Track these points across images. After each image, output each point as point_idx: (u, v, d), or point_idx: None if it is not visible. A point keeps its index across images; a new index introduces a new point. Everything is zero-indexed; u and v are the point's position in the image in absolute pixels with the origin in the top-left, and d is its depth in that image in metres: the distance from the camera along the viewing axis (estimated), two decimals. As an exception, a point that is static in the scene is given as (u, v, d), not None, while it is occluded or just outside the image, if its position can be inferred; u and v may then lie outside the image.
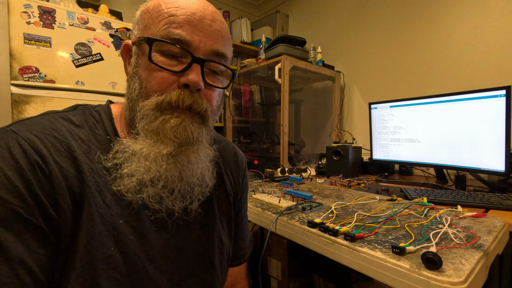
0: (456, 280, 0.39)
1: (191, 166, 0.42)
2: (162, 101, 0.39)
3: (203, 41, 0.41)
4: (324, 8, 2.22)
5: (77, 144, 0.38)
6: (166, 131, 0.39)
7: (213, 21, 0.42)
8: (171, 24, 0.39)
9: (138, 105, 0.40)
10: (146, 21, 0.42)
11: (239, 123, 2.21)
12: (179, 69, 0.40)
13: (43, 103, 1.36)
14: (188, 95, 0.40)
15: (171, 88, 0.40)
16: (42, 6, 1.34)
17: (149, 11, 0.42)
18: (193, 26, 0.40)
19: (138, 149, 0.39)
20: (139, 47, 0.42)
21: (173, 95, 0.39)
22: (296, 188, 0.98)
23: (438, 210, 0.70)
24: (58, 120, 0.39)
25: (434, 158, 1.16)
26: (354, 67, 1.97)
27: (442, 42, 1.52)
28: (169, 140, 0.39)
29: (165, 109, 0.39)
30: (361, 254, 0.49)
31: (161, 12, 0.40)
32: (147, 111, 0.39)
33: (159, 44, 0.39)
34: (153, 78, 0.40)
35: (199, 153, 0.42)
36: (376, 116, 1.39)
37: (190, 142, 0.41)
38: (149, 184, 0.39)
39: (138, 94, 0.41)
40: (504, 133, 0.93)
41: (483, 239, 0.53)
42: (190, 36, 0.40)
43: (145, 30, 0.41)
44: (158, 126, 0.39)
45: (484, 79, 1.37)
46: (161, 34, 0.39)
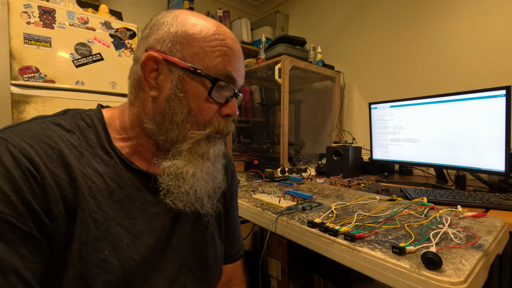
0: (456, 280, 0.39)
1: (218, 175, 0.49)
2: (212, 131, 0.45)
3: (240, 78, 0.47)
4: (324, 8, 2.22)
5: (68, 149, 0.38)
6: (209, 155, 0.46)
7: (242, 57, 0.48)
8: (226, 63, 0.44)
9: (188, 130, 0.44)
10: (196, 50, 0.42)
11: (239, 123, 2.21)
12: (223, 101, 0.45)
13: (43, 103, 1.36)
14: (230, 124, 0.48)
15: (215, 117, 0.46)
16: (42, 6, 1.34)
17: (198, 39, 0.42)
18: (237, 68, 0.46)
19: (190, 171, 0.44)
20: (189, 74, 0.42)
21: (221, 125, 0.46)
22: (296, 188, 0.98)
23: (438, 210, 0.70)
24: (48, 126, 0.39)
25: (434, 158, 1.16)
26: (354, 67, 1.97)
27: (442, 42, 1.52)
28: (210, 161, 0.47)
29: (211, 137, 0.46)
30: (361, 254, 0.49)
31: (215, 48, 0.43)
32: (200, 139, 0.44)
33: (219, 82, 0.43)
34: (205, 109, 0.44)
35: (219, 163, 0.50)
36: (376, 116, 1.39)
37: (219, 156, 0.49)
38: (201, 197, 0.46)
39: (185, 119, 0.43)
40: (504, 133, 0.93)
41: (483, 239, 0.53)
42: (236, 75, 0.45)
43: (196, 59, 0.42)
44: (205, 151, 0.45)
45: (484, 79, 1.37)
46: (218, 70, 0.43)
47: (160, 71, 0.43)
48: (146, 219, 0.42)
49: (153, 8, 2.19)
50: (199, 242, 0.49)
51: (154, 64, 0.43)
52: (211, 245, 0.51)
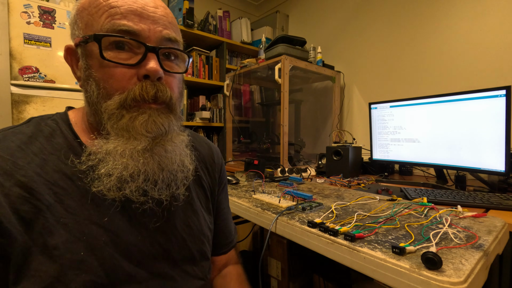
0: (456, 280, 0.39)
1: (169, 155, 0.42)
2: (126, 98, 0.38)
3: (152, 29, 0.40)
4: (324, 8, 2.22)
5: (27, 159, 0.37)
6: (136, 127, 0.39)
7: (156, 8, 0.41)
8: (113, 16, 0.38)
9: (102, 106, 0.39)
10: (85, 19, 0.40)
11: (239, 123, 2.21)
12: (135, 62, 0.39)
13: (43, 103, 1.36)
14: (151, 86, 0.39)
15: (131, 82, 0.39)
16: (42, 6, 1.34)
17: (86, 7, 0.40)
18: (137, 15, 0.39)
19: (112, 147, 0.39)
20: (85, 47, 0.40)
21: (136, 89, 0.39)
22: (296, 188, 0.98)
23: (438, 210, 0.70)
24: (6, 137, 0.38)
25: (434, 158, 1.16)
26: (354, 67, 1.97)
27: (442, 42, 1.52)
28: (142, 135, 0.39)
29: (130, 106, 0.39)
30: (361, 254, 0.49)
31: (99, 6, 0.39)
32: (112, 110, 0.39)
33: (107, 39, 0.38)
34: (110, 76, 0.39)
35: (174, 141, 0.43)
36: (376, 116, 1.39)
37: (163, 133, 0.41)
38: (130, 179, 0.39)
39: (98, 96, 0.39)
40: (504, 133, 0.93)
41: (483, 239, 0.53)
42: (137, 25, 0.39)
43: (87, 28, 0.39)
44: (128, 123, 0.39)
45: (484, 79, 1.37)
46: (106, 28, 0.38)
47: (78, 58, 0.42)
48: (124, 215, 0.41)
49: (153, 8, 2.19)
50: (186, 236, 0.48)
51: (72, 56, 0.43)
52: (198, 239, 0.50)
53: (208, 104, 2.32)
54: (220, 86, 2.25)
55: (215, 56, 2.30)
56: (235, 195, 0.92)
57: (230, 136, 2.11)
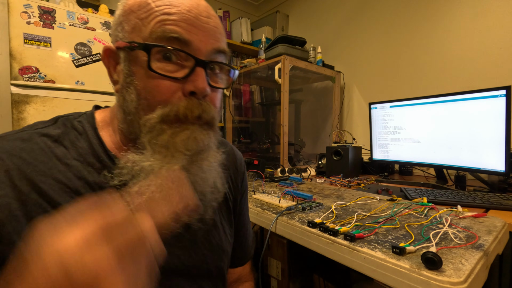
0: (456, 280, 0.39)
1: (203, 175, 0.40)
2: (168, 113, 0.36)
3: (203, 41, 0.37)
4: (324, 8, 2.22)
5: (49, 164, 0.35)
6: (176, 144, 0.36)
7: (209, 17, 0.38)
8: (165, 22, 0.35)
9: (141, 118, 0.37)
10: (133, 23, 0.37)
11: (239, 123, 2.21)
12: (182, 75, 0.36)
13: (43, 103, 1.36)
14: (197, 104, 0.37)
15: (175, 96, 0.37)
16: (42, 6, 1.34)
17: (134, 10, 0.37)
18: (190, 24, 0.36)
19: (147, 165, 0.36)
20: (129, 53, 0.37)
21: (180, 106, 0.36)
22: (296, 188, 0.98)
23: (438, 210, 0.70)
24: (32, 138, 0.37)
25: (434, 158, 1.16)
26: (354, 67, 1.97)
27: (442, 42, 1.52)
28: (180, 153, 0.36)
29: (172, 122, 0.36)
30: (361, 254, 0.49)
31: (151, 10, 0.36)
32: (153, 124, 0.36)
33: (157, 48, 0.36)
34: (154, 88, 0.36)
35: (209, 159, 0.41)
36: (376, 116, 1.39)
37: (201, 151, 0.38)
38: None
39: (137, 106, 0.37)
40: (504, 133, 0.93)
41: (483, 239, 0.53)
42: (189, 35, 0.36)
43: (135, 33, 0.37)
44: (168, 140, 0.36)
45: (484, 79, 1.37)
46: (156, 34, 0.35)
47: (118, 61, 0.39)
48: None
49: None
50: (206, 252, 0.46)
51: (110, 58, 0.40)
52: (218, 255, 0.48)
53: (208, 104, 2.31)
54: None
55: (215, 56, 2.30)
56: (235, 195, 0.92)
57: (230, 136, 2.11)
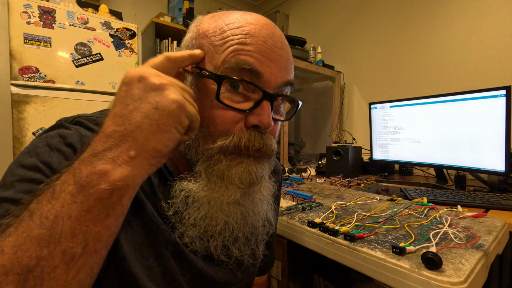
0: (456, 280, 0.39)
1: (256, 208, 0.39)
2: (229, 144, 0.35)
3: (274, 74, 0.36)
4: (324, 8, 2.22)
5: None
6: (231, 177, 0.35)
7: (282, 49, 0.37)
8: (240, 52, 0.34)
9: (199, 146, 0.36)
10: (205, 48, 0.36)
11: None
12: (247, 107, 0.35)
13: (43, 103, 1.36)
14: (258, 138, 0.36)
15: (237, 127, 0.35)
16: (42, 6, 1.34)
17: (209, 36, 0.36)
18: (264, 56, 0.35)
19: (203, 195, 0.35)
20: (198, 79, 0.36)
21: (242, 137, 0.35)
22: (296, 188, 0.98)
23: (438, 210, 0.70)
24: None
25: (434, 158, 1.16)
26: (354, 67, 1.97)
27: (442, 42, 1.52)
28: (235, 186, 0.35)
29: (229, 152, 0.35)
30: (361, 254, 0.49)
31: (226, 39, 0.35)
32: (212, 154, 0.35)
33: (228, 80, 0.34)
34: (218, 117, 0.35)
35: (262, 191, 0.39)
36: (376, 116, 1.39)
37: (254, 183, 0.37)
38: (217, 235, 0.36)
39: (198, 134, 0.36)
40: (504, 133, 0.93)
41: (483, 239, 0.53)
42: (261, 67, 0.34)
43: (206, 59, 0.36)
44: (224, 171, 0.35)
45: (484, 79, 1.37)
46: (229, 62, 0.34)
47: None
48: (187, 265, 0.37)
49: (153, 8, 2.19)
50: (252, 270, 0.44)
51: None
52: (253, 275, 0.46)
53: (208, 104, 2.32)
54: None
55: (215, 56, 2.30)
56: (235, 195, 0.92)
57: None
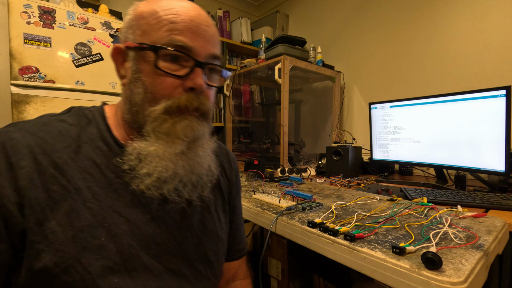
0: (456, 280, 0.39)
1: (200, 160, 0.46)
2: (171, 105, 0.42)
3: (203, 46, 0.44)
4: (324, 8, 2.22)
5: (65, 143, 0.41)
6: (177, 132, 0.42)
7: (208, 26, 0.45)
8: (172, 31, 0.42)
9: (146, 109, 0.43)
10: (143, 27, 0.43)
11: (239, 123, 2.21)
12: (183, 73, 0.43)
13: (43, 103, 1.36)
14: (195, 98, 0.44)
15: (176, 91, 0.43)
16: (42, 6, 1.34)
17: (145, 16, 0.43)
18: (192, 33, 0.43)
19: (153, 149, 0.42)
20: (139, 52, 0.43)
21: (182, 99, 0.43)
22: (296, 188, 0.98)
23: (438, 210, 0.70)
24: (51, 122, 0.42)
25: (434, 158, 1.16)
26: (354, 67, 1.97)
27: (442, 42, 1.52)
28: (180, 139, 0.43)
29: (173, 112, 0.43)
30: (361, 254, 0.49)
31: (160, 19, 0.42)
32: (157, 115, 0.42)
33: (163, 51, 0.42)
34: (159, 83, 0.43)
35: (204, 147, 0.47)
36: (376, 116, 1.39)
37: (197, 138, 0.45)
38: (169, 180, 0.43)
39: (143, 99, 0.43)
40: (504, 133, 0.93)
41: (483, 239, 0.53)
42: (191, 42, 0.43)
43: (144, 36, 0.43)
44: (169, 128, 0.42)
45: (484, 79, 1.37)
46: (164, 40, 0.42)
47: (126, 59, 0.45)
48: (146, 208, 0.43)
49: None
50: (201, 235, 0.49)
51: (118, 55, 0.46)
52: (213, 240, 0.52)
53: (208, 104, 2.32)
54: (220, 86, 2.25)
55: (215, 56, 2.30)
56: (235, 195, 0.92)
57: (230, 136, 2.11)
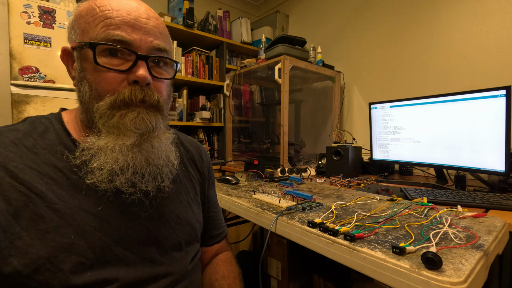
0: (456, 280, 0.39)
1: (155, 150, 0.46)
2: (116, 99, 0.42)
3: (143, 39, 0.43)
4: (324, 8, 2.22)
5: (19, 153, 0.41)
6: (126, 124, 0.42)
7: (148, 19, 0.45)
8: (108, 26, 0.42)
9: (94, 106, 0.43)
10: (82, 26, 0.43)
11: (239, 123, 2.21)
12: (125, 68, 0.43)
13: (43, 103, 1.36)
14: (139, 90, 0.43)
15: (121, 86, 0.43)
16: (42, 6, 1.34)
17: (83, 15, 0.43)
18: (130, 26, 0.43)
19: (104, 143, 0.42)
20: (80, 51, 0.43)
21: (125, 92, 0.42)
22: (296, 188, 0.98)
23: (438, 210, 0.70)
24: (2, 133, 0.42)
25: (434, 158, 1.16)
26: (354, 67, 1.97)
27: (442, 42, 1.52)
28: (131, 131, 0.42)
29: (120, 106, 0.42)
30: (361, 254, 0.49)
31: (96, 15, 0.42)
32: (104, 110, 0.42)
33: (101, 46, 0.42)
34: (102, 80, 0.42)
35: (160, 137, 0.47)
36: (376, 116, 1.39)
37: (150, 129, 0.45)
38: (120, 172, 0.43)
39: (90, 96, 0.43)
40: (504, 133, 0.93)
41: (483, 239, 0.53)
42: (129, 36, 0.42)
43: (84, 35, 0.43)
44: (118, 121, 0.42)
45: (484, 79, 1.37)
46: (101, 37, 0.41)
47: (73, 60, 0.46)
48: (115, 204, 0.44)
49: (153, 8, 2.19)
50: (174, 224, 0.51)
51: (67, 57, 0.47)
52: (186, 229, 0.53)
53: (208, 104, 2.32)
54: (220, 86, 2.25)
55: (215, 56, 2.30)
56: (235, 195, 0.92)
57: (230, 136, 2.11)
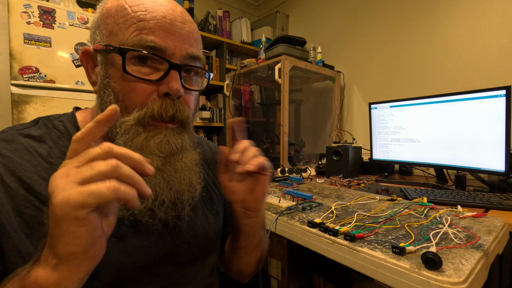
0: (456, 280, 0.39)
1: (178, 175, 0.41)
2: (144, 115, 0.38)
3: (178, 46, 0.39)
4: (324, 8, 2.22)
5: (34, 162, 0.37)
6: (150, 147, 0.38)
7: (184, 23, 0.40)
8: (142, 30, 0.37)
9: (118, 120, 0.38)
10: (110, 27, 0.39)
11: (239, 123, 2.21)
12: (156, 78, 0.38)
13: (43, 103, 1.36)
14: (171, 105, 0.39)
15: (150, 99, 0.38)
16: (42, 6, 1.34)
17: (112, 14, 0.39)
18: (165, 31, 0.38)
19: None
20: (106, 56, 0.39)
21: (155, 106, 0.38)
22: (296, 188, 0.98)
23: (438, 210, 0.70)
24: (15, 139, 0.38)
25: (434, 158, 1.16)
26: (354, 67, 1.97)
27: (442, 42, 1.52)
28: (155, 155, 0.38)
29: (147, 123, 0.38)
30: (361, 254, 0.49)
31: (127, 16, 0.38)
32: (129, 126, 0.38)
33: (132, 53, 0.37)
34: (131, 91, 0.38)
35: (184, 160, 0.42)
36: (376, 116, 1.39)
37: (175, 153, 0.40)
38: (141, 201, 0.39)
39: None
40: (504, 133, 0.93)
41: (483, 239, 0.53)
42: (164, 42, 0.38)
43: (111, 37, 0.38)
44: (142, 142, 0.38)
45: (484, 79, 1.37)
46: (132, 41, 0.37)
47: (96, 63, 0.41)
48: (130, 221, 0.40)
49: (153, 8, 2.19)
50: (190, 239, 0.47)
51: (88, 59, 0.42)
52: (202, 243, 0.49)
53: (208, 104, 2.32)
54: (220, 86, 2.25)
55: (215, 56, 2.30)
56: (235, 195, 0.92)
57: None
